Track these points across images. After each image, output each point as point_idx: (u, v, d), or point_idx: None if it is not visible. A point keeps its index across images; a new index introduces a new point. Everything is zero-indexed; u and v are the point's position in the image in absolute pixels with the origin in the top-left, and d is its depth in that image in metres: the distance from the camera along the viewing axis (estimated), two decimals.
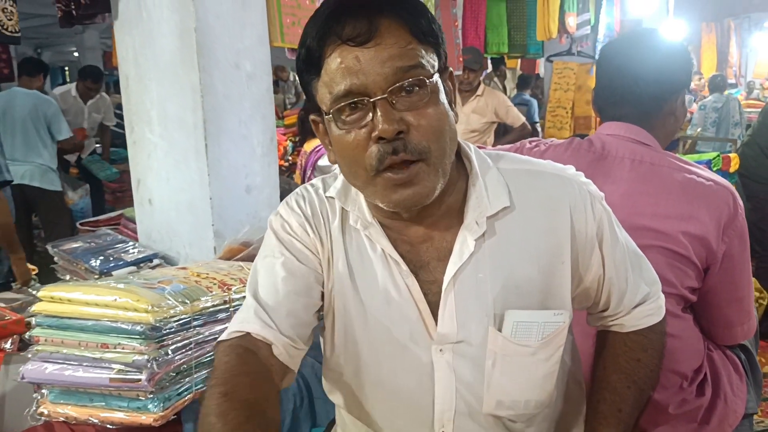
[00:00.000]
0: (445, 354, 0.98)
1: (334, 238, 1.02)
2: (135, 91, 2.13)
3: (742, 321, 1.41)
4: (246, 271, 1.27)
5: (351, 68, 0.86)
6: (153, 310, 1.01)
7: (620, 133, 1.42)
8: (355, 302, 1.01)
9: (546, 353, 0.97)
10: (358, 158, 0.89)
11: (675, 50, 1.46)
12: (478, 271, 0.96)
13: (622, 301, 1.08)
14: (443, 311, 0.96)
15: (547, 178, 1.01)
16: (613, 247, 1.04)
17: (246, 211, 2.08)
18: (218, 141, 1.98)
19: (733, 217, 1.32)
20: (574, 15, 5.04)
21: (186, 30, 1.91)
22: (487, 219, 0.96)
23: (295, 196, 1.06)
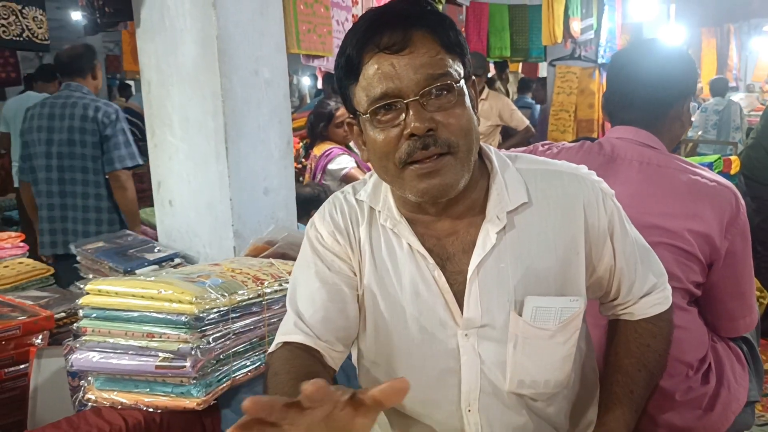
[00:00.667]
0: (470, 338, 1.06)
1: (363, 242, 1.11)
2: (157, 96, 2.20)
3: (744, 314, 1.49)
4: (276, 267, 1.35)
5: (387, 73, 0.97)
6: (196, 302, 1.08)
7: (629, 137, 1.51)
8: (385, 297, 1.09)
9: (563, 336, 1.06)
10: (390, 154, 0.99)
11: (680, 58, 1.55)
12: (500, 261, 1.05)
13: (631, 290, 1.16)
14: (468, 298, 1.05)
15: (562, 177, 1.10)
16: (623, 241, 1.13)
17: (264, 213, 2.15)
18: (238, 145, 2.05)
19: (735, 216, 1.40)
20: (578, 20, 5.12)
21: (208, 38, 1.98)
22: (508, 214, 1.06)
23: (328, 205, 1.16)
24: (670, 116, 1.53)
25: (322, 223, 1.14)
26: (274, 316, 1.28)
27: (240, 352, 1.20)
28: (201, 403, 1.08)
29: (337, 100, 3.43)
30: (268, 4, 2.11)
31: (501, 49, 6.56)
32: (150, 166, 2.32)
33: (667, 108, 1.53)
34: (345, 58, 1.01)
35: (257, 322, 1.23)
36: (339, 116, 3.38)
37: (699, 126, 6.48)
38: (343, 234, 1.11)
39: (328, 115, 3.39)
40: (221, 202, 2.07)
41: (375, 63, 0.97)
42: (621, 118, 1.55)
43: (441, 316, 1.07)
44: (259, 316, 1.24)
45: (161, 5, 2.09)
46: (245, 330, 1.21)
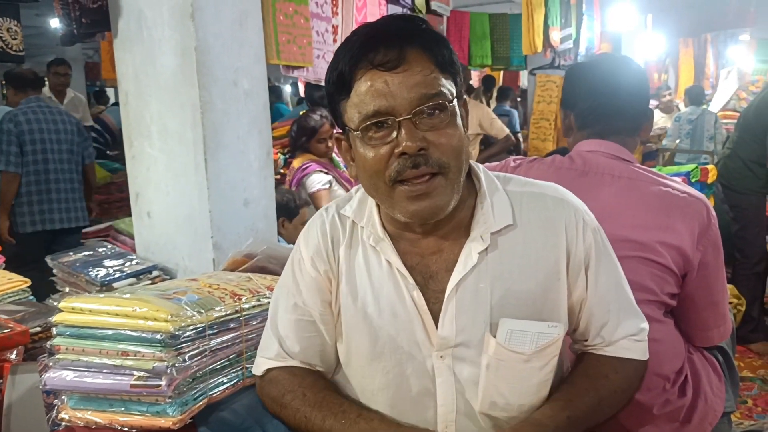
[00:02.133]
0: (446, 360, 1.06)
1: (342, 260, 1.12)
2: (134, 106, 2.18)
3: (718, 324, 1.51)
4: (254, 281, 1.34)
5: (380, 91, 0.96)
6: (172, 320, 1.07)
7: (600, 150, 1.52)
8: (363, 317, 1.09)
9: (540, 362, 1.04)
10: (380, 172, 0.99)
11: (643, 71, 1.62)
12: (480, 281, 1.04)
13: (601, 332, 1.13)
14: (444, 316, 1.04)
15: (547, 201, 1.10)
16: (598, 277, 1.11)
17: (244, 224, 2.14)
18: (217, 156, 2.04)
19: (707, 227, 1.42)
20: (557, 29, 5.17)
21: (186, 49, 1.97)
22: (492, 234, 1.05)
23: (314, 223, 1.17)
24: (645, 128, 1.57)
25: (306, 246, 1.15)
26: (252, 331, 1.27)
27: (217, 369, 1.18)
28: (177, 422, 1.07)
29: (321, 114, 3.43)
30: (248, 14, 2.10)
31: (482, 58, 6.60)
32: (128, 177, 2.30)
33: (645, 119, 1.56)
34: (337, 74, 1.00)
35: (235, 338, 1.22)
36: (322, 132, 3.38)
37: (673, 135, 6.54)
38: (322, 258, 1.12)
39: (311, 130, 3.39)
40: (200, 214, 2.06)
41: (368, 79, 0.97)
42: (596, 130, 1.55)
43: (417, 337, 1.06)
44: (236, 332, 1.23)
45: (139, 16, 2.08)
46: (222, 347, 1.19)
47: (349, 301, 1.10)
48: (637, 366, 1.14)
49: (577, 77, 1.62)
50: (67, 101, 5.35)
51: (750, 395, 3.13)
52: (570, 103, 1.62)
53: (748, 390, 3.17)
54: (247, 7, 2.10)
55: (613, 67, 1.58)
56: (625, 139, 1.55)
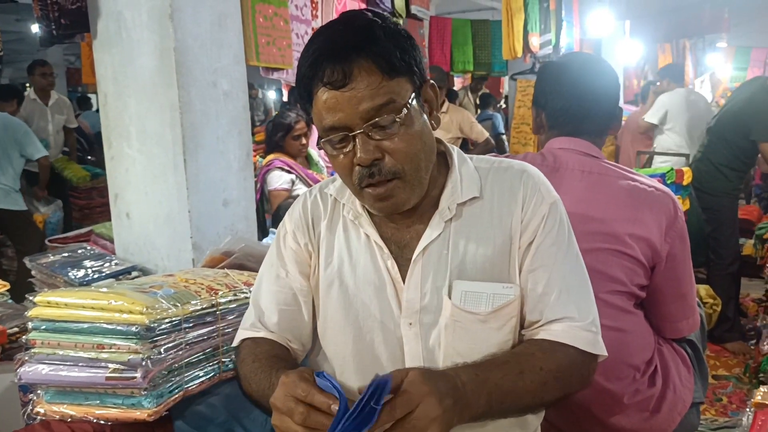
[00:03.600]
0: (414, 327, 1.11)
1: (323, 236, 1.19)
2: (113, 107, 2.18)
3: (687, 315, 1.54)
4: (231, 277, 1.35)
5: (332, 107, 1.02)
6: (147, 312, 1.08)
7: (571, 147, 1.56)
8: (340, 285, 1.15)
9: (497, 322, 1.08)
10: (346, 176, 1.07)
11: (613, 72, 1.64)
12: (443, 248, 1.11)
13: (538, 305, 1.09)
14: (409, 281, 1.11)
15: (511, 172, 1.16)
16: (544, 246, 1.11)
17: (223, 224, 2.14)
18: (196, 156, 2.04)
19: (673, 220, 1.46)
20: (537, 35, 5.23)
21: (165, 50, 1.97)
22: (458, 206, 1.12)
23: (296, 202, 1.25)
24: (614, 127, 1.61)
25: (290, 221, 1.23)
26: (229, 326, 1.28)
27: (193, 363, 1.19)
28: (152, 414, 1.08)
29: (298, 112, 3.44)
30: (227, 16, 2.12)
31: (464, 64, 6.67)
32: (107, 178, 2.30)
33: (614, 120, 1.60)
34: (301, 84, 1.06)
35: (211, 332, 1.23)
36: (297, 129, 3.40)
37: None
38: (303, 232, 1.19)
39: (287, 126, 3.40)
40: (179, 214, 2.06)
41: (322, 95, 1.03)
42: (568, 130, 1.59)
43: (389, 305, 1.12)
44: (213, 326, 1.24)
45: (118, 17, 2.08)
46: (199, 340, 1.20)
47: (328, 272, 1.16)
48: (573, 354, 1.06)
49: (548, 76, 1.65)
50: (52, 103, 5.33)
51: (725, 393, 3.17)
52: (541, 101, 1.65)
53: (723, 388, 3.22)
54: (226, 8, 2.12)
55: (583, 67, 1.61)
56: (594, 138, 1.60)
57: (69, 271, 2.07)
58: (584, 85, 1.56)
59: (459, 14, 7.34)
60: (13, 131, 4.34)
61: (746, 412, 1.20)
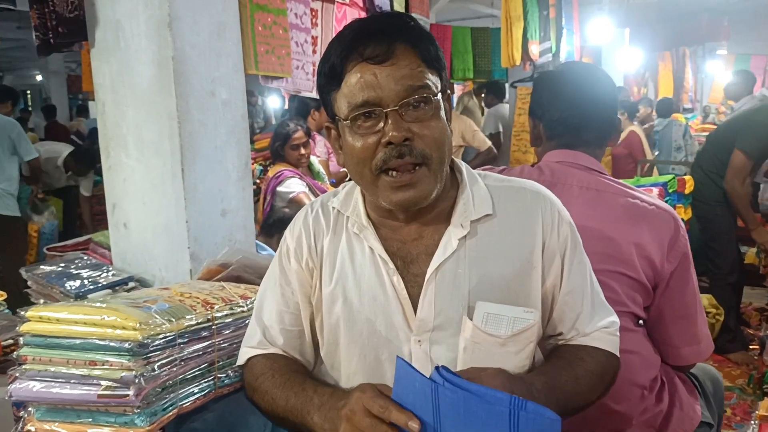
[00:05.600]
0: (423, 344, 1.09)
1: (326, 252, 1.16)
2: (111, 116, 2.17)
3: (690, 342, 1.47)
4: (227, 290, 1.32)
5: (369, 83, 1.01)
6: (141, 328, 1.06)
7: (569, 160, 1.52)
8: (344, 301, 1.13)
9: (516, 346, 1.06)
10: (366, 160, 1.04)
11: (610, 80, 1.61)
12: (458, 266, 1.09)
13: (575, 323, 1.15)
14: (423, 299, 1.08)
15: (525, 193, 1.15)
16: (571, 267, 1.14)
17: (222, 234, 2.12)
18: (194, 166, 2.02)
19: (675, 239, 1.42)
20: (536, 43, 5.22)
21: (164, 59, 1.96)
22: (471, 222, 1.10)
23: (297, 217, 1.23)
24: (613, 137, 1.58)
25: (291, 237, 1.21)
26: (225, 340, 1.26)
27: (188, 379, 1.17)
28: None
29: (297, 123, 3.45)
30: (225, 25, 2.10)
31: (464, 71, 6.64)
32: (104, 187, 2.28)
33: (612, 129, 1.57)
34: (329, 66, 1.05)
35: (207, 347, 1.21)
36: (295, 138, 3.42)
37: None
38: (304, 249, 1.17)
39: (285, 135, 3.44)
40: (177, 224, 2.04)
41: (358, 72, 1.02)
42: (567, 141, 1.55)
43: (396, 321, 1.10)
44: (208, 341, 1.21)
45: (116, 26, 2.07)
46: (194, 356, 1.18)
47: (331, 288, 1.14)
48: (611, 358, 1.15)
49: (545, 86, 1.62)
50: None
51: (729, 404, 3.14)
52: (538, 112, 1.62)
53: (727, 399, 3.19)
54: (225, 17, 2.10)
55: (580, 77, 1.58)
56: (594, 150, 1.56)
57: (65, 281, 2.05)
58: (582, 94, 1.53)
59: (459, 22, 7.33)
60: (6, 132, 4.31)
61: (751, 424, 1.18)
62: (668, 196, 2.89)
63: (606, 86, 1.58)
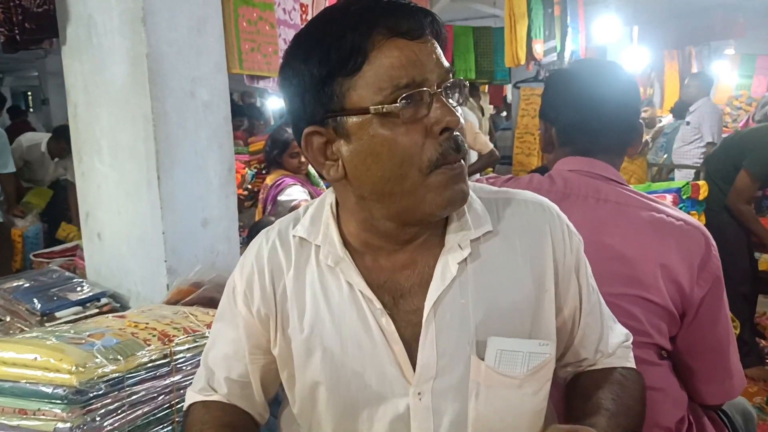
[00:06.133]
0: (424, 398, 0.90)
1: (290, 293, 0.96)
2: (84, 119, 2.02)
3: (722, 378, 1.30)
4: (191, 318, 1.17)
5: (411, 60, 0.83)
6: (77, 371, 0.90)
7: (584, 169, 1.34)
8: (323, 354, 0.93)
9: (533, 387, 0.89)
10: (414, 156, 0.84)
11: (633, 79, 1.43)
12: (461, 296, 0.91)
13: (599, 345, 1.02)
14: (424, 340, 0.90)
15: (527, 206, 0.98)
16: (588, 284, 1.01)
17: (203, 246, 1.97)
18: (172, 172, 1.87)
19: (706, 259, 1.24)
20: (541, 42, 5.06)
21: (137, 57, 1.81)
22: (471, 242, 0.92)
23: (249, 250, 1.02)
24: (634, 144, 1.40)
25: (240, 276, 1.01)
26: (187, 377, 1.10)
27: (141, 426, 1.01)
28: None
29: None
30: (206, 21, 1.95)
31: (466, 72, 6.50)
32: (77, 195, 2.13)
33: (635, 135, 1.39)
34: (337, 45, 0.83)
35: (165, 387, 1.05)
36: (294, 146, 3.24)
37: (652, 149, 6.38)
38: (255, 294, 0.98)
39: (284, 143, 3.25)
40: (153, 236, 1.89)
41: (394, 48, 0.82)
42: (581, 147, 1.37)
43: (388, 372, 0.91)
44: (166, 380, 1.05)
45: (88, 21, 1.92)
46: (147, 398, 1.02)
47: (304, 337, 0.94)
48: (639, 375, 1.04)
49: (559, 86, 1.43)
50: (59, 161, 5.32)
51: None
52: (551, 115, 1.42)
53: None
54: (206, 12, 1.95)
55: (599, 75, 1.39)
56: (612, 157, 1.38)
57: (33, 297, 1.90)
58: (601, 96, 1.34)
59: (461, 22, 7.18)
60: None
61: None
62: (682, 203, 2.72)
63: (628, 86, 1.39)
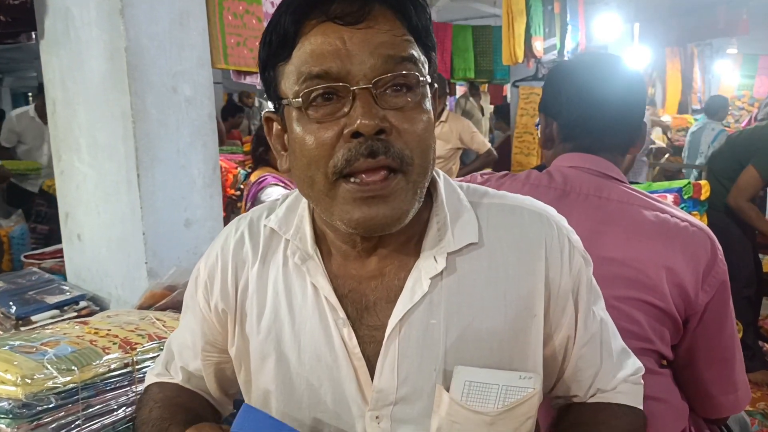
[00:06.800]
0: (382, 422, 0.82)
1: (251, 289, 0.88)
2: (62, 116, 1.96)
3: (727, 390, 1.22)
4: (158, 325, 1.10)
5: (330, 50, 0.73)
6: (23, 383, 0.83)
7: (585, 165, 1.26)
8: (277, 361, 0.86)
9: (508, 425, 0.79)
10: (320, 159, 0.74)
11: (639, 75, 1.35)
12: (431, 316, 0.81)
13: (595, 381, 0.91)
14: (383, 361, 0.81)
15: (523, 215, 0.86)
16: (588, 312, 0.89)
17: (185, 247, 1.90)
18: (152, 171, 1.81)
19: (712, 263, 1.16)
20: (541, 39, 4.99)
21: (116, 51, 1.74)
22: (449, 255, 0.82)
23: (215, 241, 0.95)
24: (638, 144, 1.32)
25: (205, 265, 0.94)
26: None
27: None
28: None
29: None
30: (189, 13, 1.88)
31: (465, 71, 6.44)
32: (57, 195, 2.06)
33: (639, 133, 1.31)
34: (276, 29, 0.76)
35: (125, 399, 0.98)
36: None
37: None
38: (216, 288, 0.91)
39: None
40: (133, 237, 1.83)
41: (320, 34, 0.73)
42: (584, 144, 1.28)
43: (346, 390, 0.83)
44: (127, 391, 0.98)
45: (66, 14, 1.85)
46: (105, 411, 0.95)
47: (260, 339, 0.87)
48: (638, 415, 0.93)
49: (563, 79, 1.34)
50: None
51: None
52: (553, 110, 1.34)
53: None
54: (189, 5, 1.88)
55: (604, 70, 1.31)
56: (616, 156, 1.30)
57: (8, 301, 1.83)
58: (608, 92, 1.26)
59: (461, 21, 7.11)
60: None
61: None
62: (683, 203, 2.65)
63: (636, 83, 1.31)
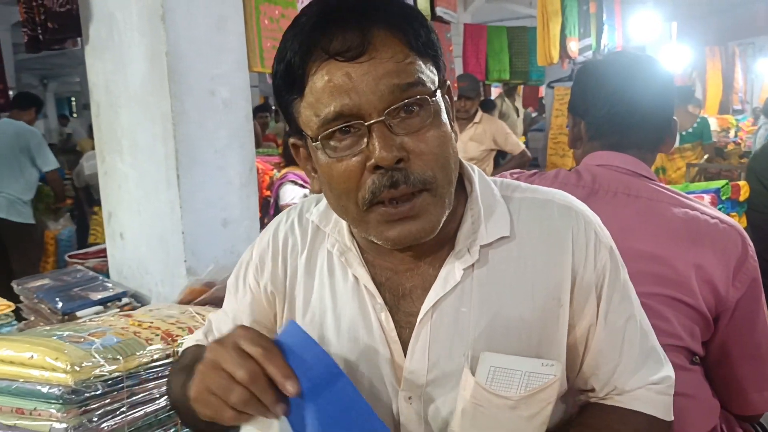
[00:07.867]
0: (414, 403, 0.86)
1: (300, 277, 0.94)
2: (106, 119, 2.02)
3: (761, 387, 1.21)
4: (197, 319, 1.13)
5: (341, 87, 0.75)
6: (73, 370, 0.87)
7: (615, 164, 1.26)
8: (318, 338, 0.90)
9: (529, 410, 0.81)
10: (350, 192, 0.79)
11: (668, 73, 1.34)
12: (462, 304, 0.85)
13: (612, 377, 0.91)
14: (414, 344, 0.85)
15: (553, 209, 0.89)
16: (610, 306, 0.89)
17: (222, 246, 1.95)
18: (191, 172, 1.86)
19: (743, 260, 1.15)
20: (576, 39, 4.94)
21: (157, 54, 1.80)
22: (481, 248, 0.85)
23: (268, 227, 1.00)
24: (667, 141, 1.31)
25: (258, 247, 0.99)
26: None
27: (141, 428, 0.98)
28: None
29: None
30: (227, 18, 1.93)
31: (500, 72, 6.42)
32: (101, 195, 2.14)
33: (668, 131, 1.31)
34: (285, 66, 0.79)
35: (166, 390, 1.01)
36: None
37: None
38: (267, 270, 0.96)
39: None
40: (173, 236, 1.88)
41: (325, 73, 0.75)
42: (612, 142, 1.29)
43: (382, 372, 0.87)
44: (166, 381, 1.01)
45: (110, 19, 1.92)
46: (148, 400, 0.99)
47: (306, 322, 0.92)
48: (658, 425, 0.91)
49: (590, 78, 1.35)
50: None
51: None
52: (581, 109, 1.35)
53: None
54: (226, 10, 1.93)
55: (633, 67, 1.31)
56: (644, 153, 1.30)
57: (55, 297, 1.90)
58: (635, 88, 1.27)
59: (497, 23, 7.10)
60: (26, 140, 4.24)
61: None
62: (721, 204, 2.61)
63: (663, 79, 1.31)
